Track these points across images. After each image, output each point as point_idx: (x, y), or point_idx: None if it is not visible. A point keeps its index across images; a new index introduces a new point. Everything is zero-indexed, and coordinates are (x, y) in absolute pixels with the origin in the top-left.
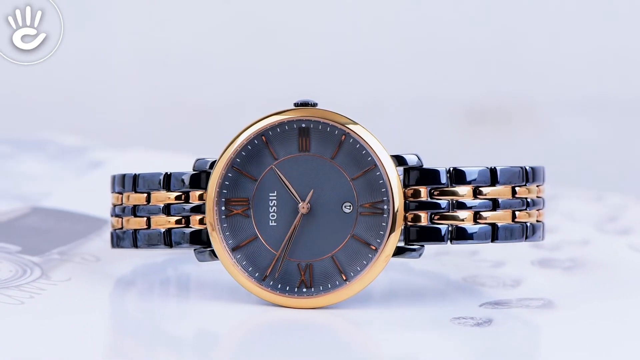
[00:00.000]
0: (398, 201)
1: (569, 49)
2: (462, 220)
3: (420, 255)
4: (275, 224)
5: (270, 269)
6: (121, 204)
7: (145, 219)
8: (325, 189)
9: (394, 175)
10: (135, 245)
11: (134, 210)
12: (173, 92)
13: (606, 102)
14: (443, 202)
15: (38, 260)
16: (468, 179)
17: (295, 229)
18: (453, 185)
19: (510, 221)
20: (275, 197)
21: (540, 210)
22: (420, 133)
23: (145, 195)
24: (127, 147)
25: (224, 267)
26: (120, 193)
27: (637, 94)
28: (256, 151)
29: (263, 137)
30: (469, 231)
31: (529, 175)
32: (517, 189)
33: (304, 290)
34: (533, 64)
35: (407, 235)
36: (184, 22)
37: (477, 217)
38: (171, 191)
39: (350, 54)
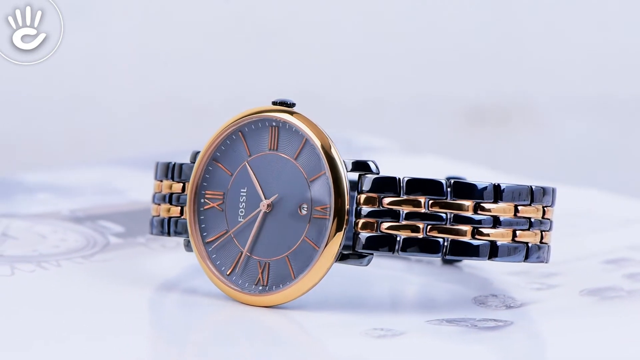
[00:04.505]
0: (344, 204)
1: (568, 49)
2: (415, 231)
3: (368, 262)
4: (242, 220)
5: (234, 265)
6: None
7: (157, 206)
8: (287, 189)
9: (342, 179)
10: (151, 232)
11: (153, 198)
12: (173, 90)
13: (606, 101)
14: (399, 211)
15: (117, 241)
16: (422, 188)
17: (257, 227)
18: (408, 194)
19: (470, 237)
20: (245, 193)
21: (523, 231)
22: (420, 132)
23: (160, 183)
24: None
25: (197, 260)
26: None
27: (637, 93)
28: (234, 146)
29: (240, 133)
30: (420, 243)
31: (501, 193)
32: (483, 204)
33: (260, 288)
34: (532, 64)
35: (357, 242)
36: (184, 22)
37: (428, 229)
38: (175, 181)
39: (350, 54)
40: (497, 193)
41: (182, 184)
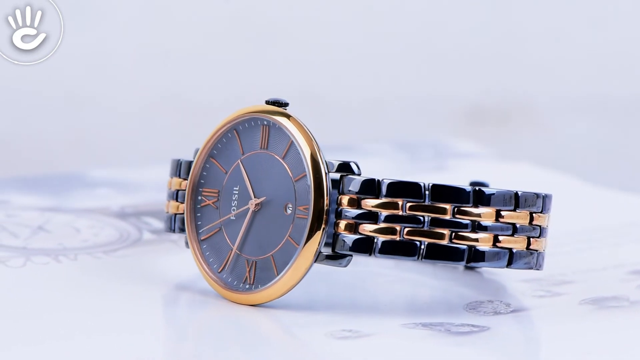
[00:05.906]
0: (324, 204)
1: (568, 49)
2: (392, 233)
3: (347, 264)
4: (234, 218)
5: (224, 263)
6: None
7: (167, 203)
8: (275, 189)
9: (322, 179)
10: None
11: (167, 195)
12: (174, 90)
13: (606, 101)
14: (378, 213)
15: (150, 237)
16: (401, 191)
17: (245, 225)
18: (387, 197)
19: (447, 241)
20: (237, 192)
21: (507, 237)
22: (420, 132)
23: (170, 180)
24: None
25: (192, 257)
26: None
27: (637, 93)
28: (229, 144)
29: (235, 131)
30: (397, 245)
31: (484, 198)
32: (463, 208)
33: (247, 286)
34: (532, 64)
35: (336, 243)
36: (184, 21)
37: (406, 231)
38: (182, 178)
39: (350, 54)
40: (479, 198)
41: (185, 181)
